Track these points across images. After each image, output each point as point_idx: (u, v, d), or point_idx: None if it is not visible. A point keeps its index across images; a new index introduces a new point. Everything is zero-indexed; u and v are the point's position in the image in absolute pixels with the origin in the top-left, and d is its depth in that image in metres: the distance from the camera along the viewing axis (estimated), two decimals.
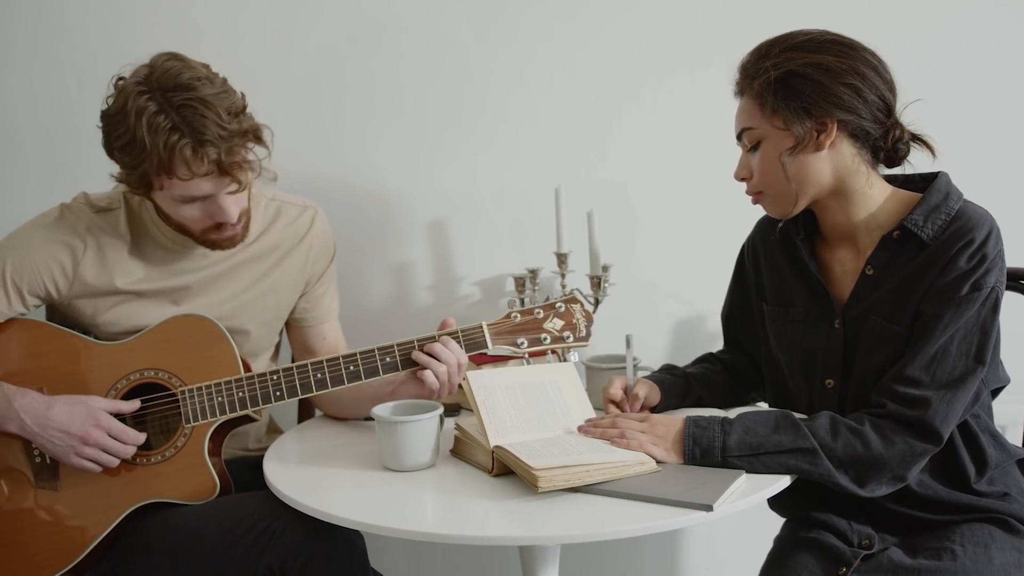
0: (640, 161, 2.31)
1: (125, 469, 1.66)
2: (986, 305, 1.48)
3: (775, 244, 1.71)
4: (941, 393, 1.45)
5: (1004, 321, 1.54)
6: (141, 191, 1.64)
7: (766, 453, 1.43)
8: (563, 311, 1.71)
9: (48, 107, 2.28)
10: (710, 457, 1.44)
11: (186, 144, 1.53)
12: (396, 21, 2.28)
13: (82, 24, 2.25)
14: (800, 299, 1.65)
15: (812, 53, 1.51)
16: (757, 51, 1.56)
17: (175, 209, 1.65)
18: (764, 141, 1.55)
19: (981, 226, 1.49)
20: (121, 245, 1.74)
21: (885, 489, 1.46)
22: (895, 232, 1.55)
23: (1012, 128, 2.27)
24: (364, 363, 1.66)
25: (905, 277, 1.53)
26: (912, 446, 1.44)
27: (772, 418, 1.48)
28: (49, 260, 1.70)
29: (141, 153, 1.54)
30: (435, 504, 1.41)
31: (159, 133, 1.53)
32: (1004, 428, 1.89)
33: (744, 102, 1.58)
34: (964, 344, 1.47)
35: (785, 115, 1.51)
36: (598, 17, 2.27)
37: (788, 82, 1.50)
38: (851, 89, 1.50)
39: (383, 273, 2.34)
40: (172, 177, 1.57)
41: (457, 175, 2.32)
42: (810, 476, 1.44)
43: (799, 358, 1.65)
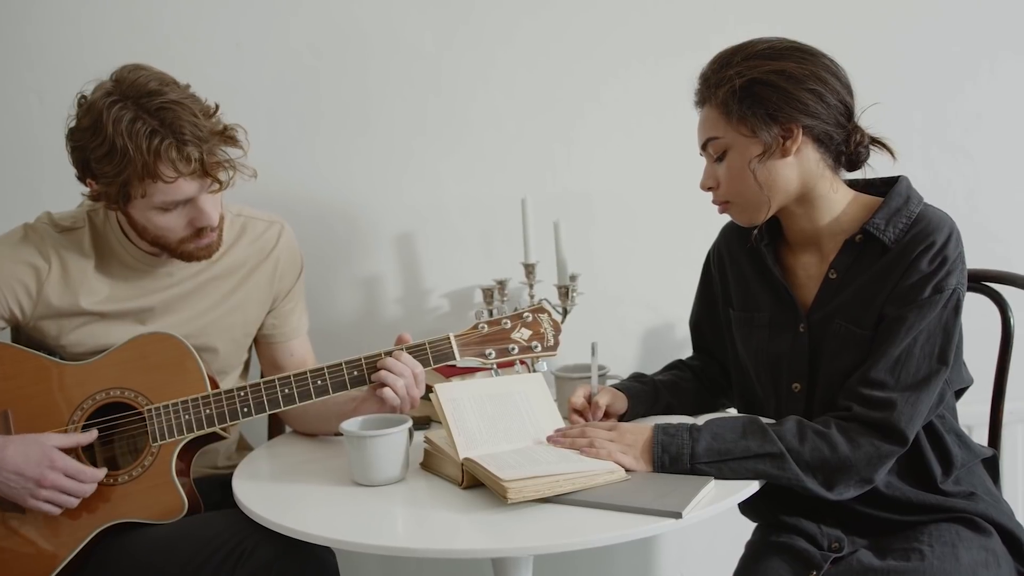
0: (603, 167, 2.31)
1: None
2: (948, 307, 1.50)
3: (739, 250, 1.73)
4: (906, 395, 1.47)
5: (966, 322, 1.56)
6: (118, 204, 1.62)
7: (734, 459, 1.44)
8: (530, 321, 1.71)
9: (9, 124, 2.25)
10: (679, 464, 1.45)
11: (170, 144, 1.53)
12: (361, 33, 2.28)
13: (43, 40, 2.23)
14: (765, 304, 1.67)
15: (774, 60, 1.52)
16: (718, 60, 1.57)
17: (154, 219, 1.63)
18: (730, 150, 1.56)
19: (941, 229, 1.51)
20: (86, 265, 1.72)
21: (853, 491, 1.47)
22: (857, 236, 1.56)
23: (976, 131, 2.30)
24: (332, 377, 1.65)
25: (868, 281, 1.55)
26: (878, 448, 1.46)
27: (740, 424, 1.49)
28: (13, 281, 1.69)
29: (123, 160, 1.53)
30: (406, 518, 1.41)
31: (140, 138, 1.52)
32: (970, 428, 1.92)
33: (707, 112, 1.58)
34: (927, 346, 1.49)
35: (751, 122, 1.52)
36: (558, 23, 2.28)
37: (752, 90, 1.51)
38: (814, 94, 1.51)
39: (351, 286, 2.33)
40: (157, 181, 1.55)
41: (424, 187, 2.32)
42: (778, 481, 1.45)
43: (765, 363, 1.66)
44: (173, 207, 1.62)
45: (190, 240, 1.68)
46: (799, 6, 2.17)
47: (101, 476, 1.61)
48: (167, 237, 1.67)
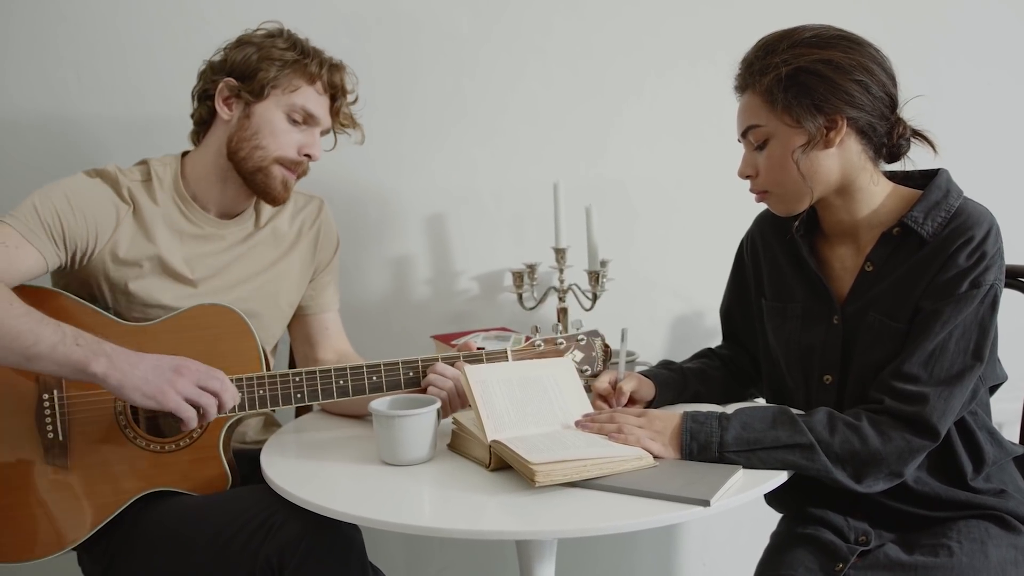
0: (640, 157, 2.31)
1: (137, 455, 1.66)
2: (985, 303, 1.48)
3: (774, 239, 1.71)
4: (939, 390, 1.45)
5: (1002, 319, 1.54)
6: (255, 96, 1.74)
7: (763, 448, 1.43)
8: (584, 344, 1.74)
9: (47, 99, 2.27)
10: (707, 452, 1.44)
11: (336, 69, 1.82)
12: (396, 16, 2.28)
13: (80, 15, 2.25)
14: (799, 295, 1.65)
15: (821, 49, 1.49)
16: (763, 47, 1.55)
17: (277, 122, 1.75)
18: (772, 139, 1.54)
19: (981, 224, 1.49)
20: (155, 214, 1.75)
21: (882, 485, 1.46)
22: (895, 229, 1.55)
23: (1013, 126, 2.27)
24: (387, 375, 1.67)
25: (905, 274, 1.53)
26: (910, 442, 1.44)
27: (770, 414, 1.48)
28: (98, 210, 1.70)
29: (301, 59, 1.75)
30: (432, 498, 1.41)
31: (319, 55, 1.80)
32: (1001, 425, 1.89)
33: (749, 98, 1.56)
34: (963, 341, 1.47)
35: (796, 112, 1.50)
36: (600, 14, 2.28)
37: (798, 79, 1.49)
38: (860, 85, 1.49)
39: (382, 267, 2.34)
40: (314, 83, 1.77)
41: (457, 170, 2.32)
42: (807, 472, 1.44)
43: (797, 354, 1.65)
44: (300, 117, 1.76)
45: (284, 164, 1.77)
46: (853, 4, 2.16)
47: (232, 392, 1.56)
48: (270, 148, 1.75)
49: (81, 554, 1.72)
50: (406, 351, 1.86)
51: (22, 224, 1.63)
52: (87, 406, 1.65)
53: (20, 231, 1.62)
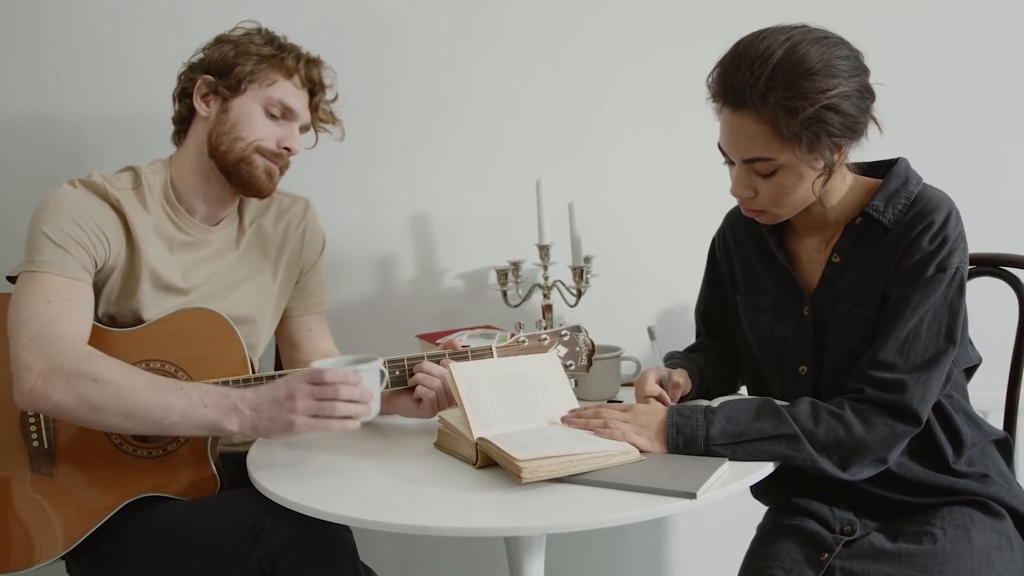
0: (622, 152, 2.31)
1: (124, 461, 1.66)
2: (952, 285, 1.50)
3: (744, 235, 1.73)
4: (916, 375, 1.47)
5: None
6: (232, 91, 1.75)
7: (748, 440, 1.44)
8: (567, 339, 1.75)
9: (26, 102, 2.26)
10: (693, 446, 1.45)
11: (314, 64, 1.83)
12: (378, 15, 2.27)
13: (60, 18, 2.23)
14: (770, 288, 1.67)
15: (834, 78, 1.44)
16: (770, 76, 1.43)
17: (255, 115, 1.75)
18: (781, 170, 1.50)
19: (940, 208, 1.51)
20: (145, 221, 1.73)
21: (868, 472, 1.48)
22: (858, 219, 1.57)
23: (989, 115, 2.29)
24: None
25: (870, 262, 1.55)
26: (893, 428, 1.46)
27: (754, 406, 1.49)
28: (105, 223, 1.68)
29: (278, 54, 1.77)
30: (421, 497, 1.42)
31: (296, 50, 1.82)
32: (986, 413, 1.91)
33: (751, 125, 1.47)
34: (934, 325, 1.49)
35: (817, 149, 1.47)
36: (580, 10, 2.28)
37: (821, 117, 1.44)
38: (862, 112, 1.49)
39: (366, 266, 2.34)
40: (291, 78, 1.79)
41: (440, 169, 2.32)
42: (793, 462, 1.45)
43: (771, 346, 1.67)
44: (278, 111, 1.77)
45: (264, 153, 1.76)
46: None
47: (357, 378, 1.50)
48: (249, 138, 1.74)
49: (70, 562, 1.72)
50: (391, 350, 1.85)
51: (60, 267, 1.60)
52: None
53: (66, 276, 1.60)
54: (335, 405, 1.47)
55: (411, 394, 1.67)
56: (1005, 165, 2.29)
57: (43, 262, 1.60)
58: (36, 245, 1.62)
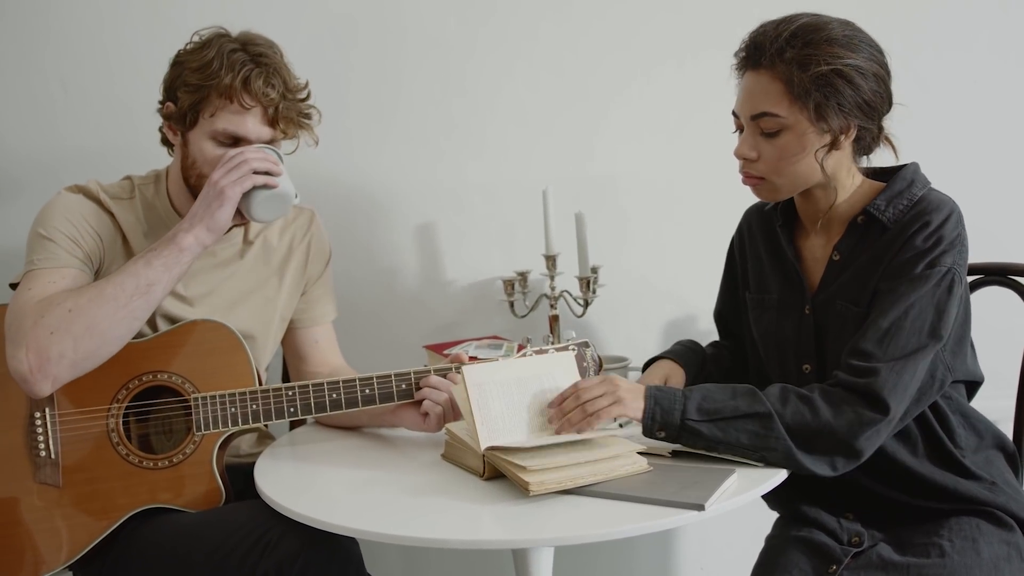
0: (629, 160, 2.31)
1: (130, 472, 1.66)
2: (942, 285, 1.48)
3: (758, 232, 1.73)
4: (890, 364, 1.45)
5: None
6: (184, 126, 1.69)
7: (723, 419, 1.44)
8: (576, 354, 1.73)
9: (33, 112, 2.27)
10: (670, 418, 1.44)
11: (259, 75, 1.65)
12: (383, 23, 2.28)
13: (67, 28, 2.24)
14: (775, 286, 1.68)
15: (853, 53, 1.48)
16: (793, 34, 1.49)
17: (207, 150, 1.67)
18: (786, 131, 1.52)
19: (940, 209, 1.51)
20: (139, 232, 1.74)
21: (841, 465, 1.45)
22: (860, 217, 1.57)
23: (999, 125, 2.28)
24: (380, 388, 1.67)
25: (867, 261, 1.55)
26: (860, 415, 1.43)
27: (730, 387, 1.49)
28: (99, 224, 1.70)
29: (214, 75, 1.64)
30: (428, 509, 1.41)
31: (235, 63, 1.65)
32: (997, 423, 1.90)
33: (764, 81, 1.51)
34: (918, 321, 1.48)
35: (824, 112, 1.48)
36: (585, 17, 2.28)
37: (832, 80, 1.47)
38: (876, 96, 1.51)
39: (373, 276, 2.34)
40: (232, 102, 1.65)
41: (446, 178, 2.32)
42: (765, 443, 1.43)
43: (774, 344, 1.67)
44: (228, 142, 1.67)
45: None
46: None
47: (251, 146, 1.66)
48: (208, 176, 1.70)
49: (75, 573, 1.72)
50: (398, 361, 1.86)
51: (48, 260, 1.64)
52: (79, 423, 1.65)
53: (51, 266, 1.63)
54: (247, 160, 1.61)
55: (418, 408, 1.67)
56: (1014, 175, 2.28)
57: (37, 260, 1.64)
58: (31, 247, 1.67)
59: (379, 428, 1.79)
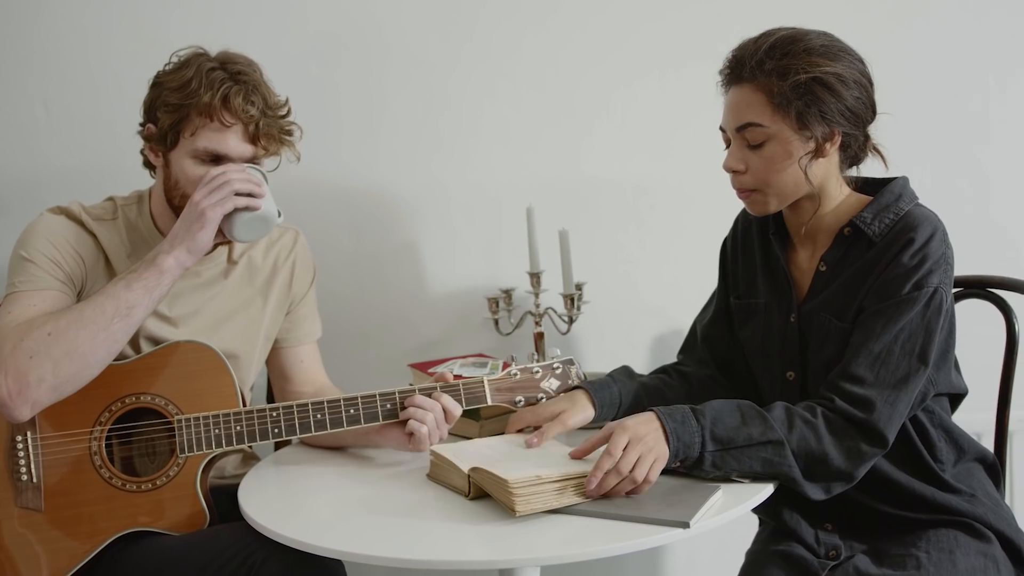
0: (612, 177, 2.32)
1: (113, 495, 1.65)
2: (930, 306, 1.50)
3: (750, 239, 1.74)
4: (885, 393, 1.47)
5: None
6: (165, 146, 1.69)
7: (737, 447, 1.44)
8: (559, 372, 1.74)
9: (15, 133, 2.26)
10: (690, 451, 1.43)
11: (238, 91, 1.66)
12: (365, 43, 2.28)
13: (48, 49, 2.24)
14: (764, 292, 1.69)
15: (832, 61, 1.51)
16: (773, 46, 1.52)
17: (188, 169, 1.67)
18: (771, 140, 1.54)
19: (924, 226, 1.52)
20: (122, 254, 1.74)
21: (836, 488, 1.48)
22: (846, 229, 1.59)
23: (973, 136, 2.30)
24: (365, 408, 1.67)
25: (853, 275, 1.57)
26: (859, 448, 1.46)
27: (735, 407, 1.48)
28: (80, 246, 1.70)
29: (194, 94, 1.64)
30: (413, 530, 1.41)
31: (215, 81, 1.66)
32: (979, 435, 1.92)
33: (749, 93, 1.54)
34: (908, 344, 1.49)
35: (806, 119, 1.51)
36: (568, 31, 2.29)
37: (812, 88, 1.49)
38: (858, 102, 1.53)
39: (357, 295, 2.34)
40: (213, 120, 1.65)
41: (430, 195, 2.32)
42: (776, 469, 1.44)
43: (760, 350, 1.68)
44: (210, 160, 1.67)
45: None
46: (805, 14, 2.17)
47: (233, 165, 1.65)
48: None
49: None
50: (383, 380, 1.85)
51: (30, 282, 1.63)
52: (61, 447, 1.64)
53: (32, 288, 1.63)
54: (229, 181, 1.59)
55: (403, 427, 1.66)
56: (990, 188, 2.31)
57: (18, 283, 1.64)
58: (12, 269, 1.66)
59: (364, 448, 1.79)
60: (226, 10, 2.25)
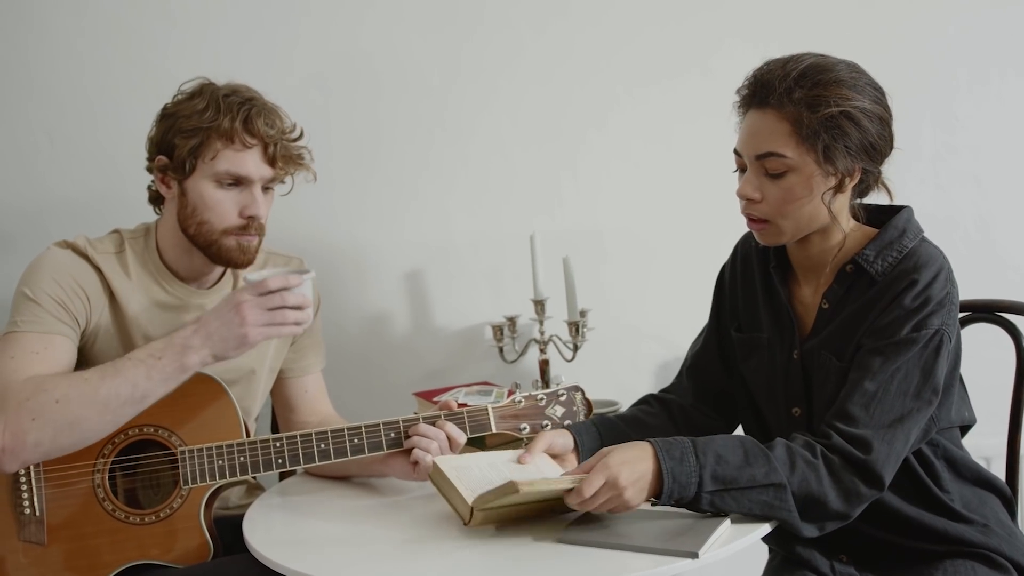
0: (611, 200, 2.32)
1: (116, 528, 1.64)
2: (929, 347, 1.46)
3: (751, 271, 1.70)
4: (880, 433, 1.43)
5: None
6: (182, 174, 1.68)
7: (739, 488, 1.39)
8: (564, 399, 1.74)
9: (19, 164, 2.27)
10: (686, 492, 1.39)
11: (257, 113, 1.69)
12: (366, 71, 2.29)
13: (51, 81, 2.25)
14: (766, 326, 1.65)
15: (860, 95, 1.46)
16: (802, 74, 1.46)
17: (208, 194, 1.68)
18: (792, 172, 1.48)
19: (929, 267, 1.48)
20: (128, 287, 1.73)
21: (830, 527, 1.44)
22: (848, 266, 1.55)
23: (981, 159, 2.30)
24: (369, 437, 1.66)
25: (853, 313, 1.53)
26: (857, 489, 1.42)
27: (738, 444, 1.44)
28: (86, 283, 1.68)
29: (213, 119, 1.66)
30: (418, 561, 1.40)
31: (233, 104, 1.68)
32: (988, 460, 1.90)
33: (772, 121, 1.47)
34: (904, 384, 1.46)
35: (832, 154, 1.46)
36: (564, 60, 2.29)
37: (840, 122, 1.45)
38: (882, 139, 1.49)
39: (361, 324, 2.33)
40: (233, 143, 1.66)
41: (432, 223, 2.33)
42: (774, 512, 1.40)
43: (764, 385, 1.65)
44: (231, 183, 1.68)
45: (233, 232, 1.71)
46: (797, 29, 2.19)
47: (296, 281, 1.57)
48: (213, 222, 1.70)
49: None
50: (388, 409, 1.85)
51: (33, 324, 1.61)
52: (64, 479, 1.63)
53: (37, 331, 1.61)
54: (284, 312, 1.54)
55: (407, 456, 1.65)
56: (1000, 212, 2.30)
57: (20, 322, 1.62)
58: (16, 306, 1.64)
59: (369, 477, 1.78)
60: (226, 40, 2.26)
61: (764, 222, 1.54)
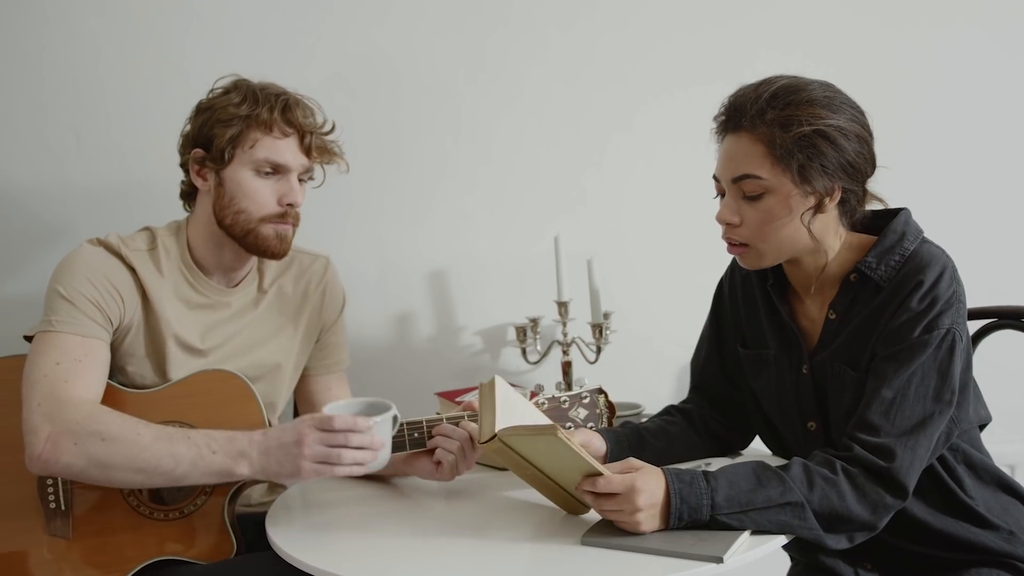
0: (635, 203, 2.32)
1: (140, 523, 1.65)
2: (942, 348, 1.45)
3: (750, 287, 1.69)
4: (903, 440, 1.42)
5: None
6: (220, 163, 1.72)
7: (755, 509, 1.38)
8: (587, 401, 1.73)
9: (47, 163, 2.28)
10: (697, 515, 1.37)
11: (295, 104, 1.75)
12: (395, 74, 2.30)
13: (80, 81, 2.27)
14: (772, 343, 1.64)
15: (834, 113, 1.45)
16: (774, 96, 1.46)
17: (246, 183, 1.71)
18: (770, 194, 1.48)
19: (932, 266, 1.47)
20: (161, 284, 1.74)
21: (859, 539, 1.43)
22: (852, 275, 1.54)
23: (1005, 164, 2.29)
24: (393, 437, 1.65)
25: (862, 321, 1.52)
26: (883, 498, 1.41)
27: (751, 470, 1.42)
28: (120, 282, 1.69)
29: (252, 109, 1.71)
30: (441, 560, 1.40)
31: (271, 96, 1.74)
32: (1013, 468, 1.88)
33: (746, 144, 1.48)
34: (921, 388, 1.45)
35: (808, 174, 1.45)
36: (598, 64, 2.29)
37: (814, 141, 1.44)
38: (861, 158, 1.48)
39: (384, 324, 2.34)
40: (272, 131, 1.71)
41: (457, 225, 2.33)
42: (796, 531, 1.39)
43: (776, 401, 1.64)
44: (269, 170, 1.72)
45: (270, 220, 1.73)
46: (827, 40, 2.18)
47: (366, 424, 1.49)
48: (251, 210, 1.72)
49: None
50: (410, 408, 1.85)
51: (70, 324, 1.62)
52: None
53: (76, 333, 1.62)
54: (342, 453, 1.48)
55: (430, 456, 1.66)
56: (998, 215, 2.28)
57: (56, 322, 1.62)
58: (51, 305, 1.64)
59: (392, 477, 1.78)
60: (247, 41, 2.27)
61: (744, 246, 1.53)
